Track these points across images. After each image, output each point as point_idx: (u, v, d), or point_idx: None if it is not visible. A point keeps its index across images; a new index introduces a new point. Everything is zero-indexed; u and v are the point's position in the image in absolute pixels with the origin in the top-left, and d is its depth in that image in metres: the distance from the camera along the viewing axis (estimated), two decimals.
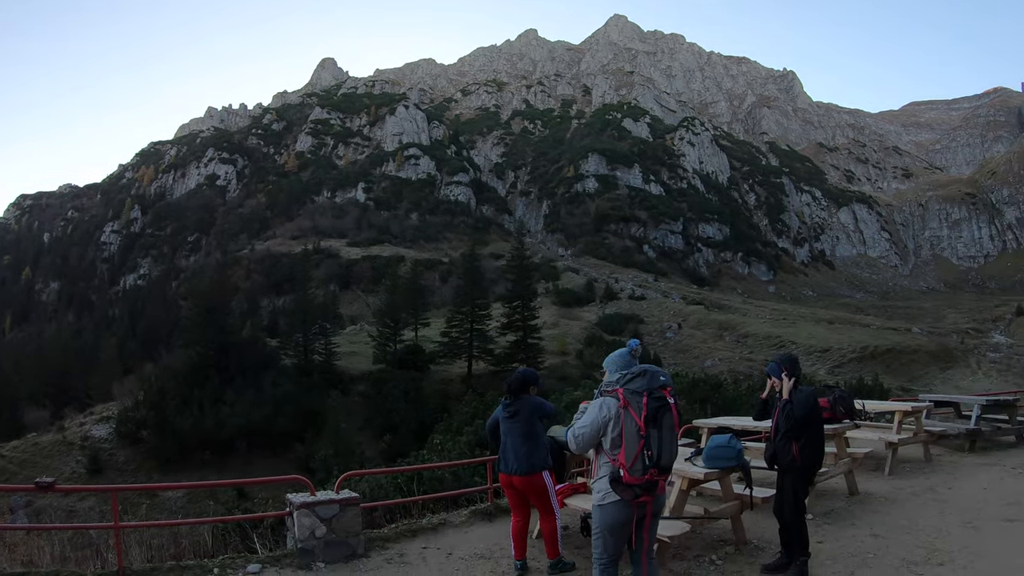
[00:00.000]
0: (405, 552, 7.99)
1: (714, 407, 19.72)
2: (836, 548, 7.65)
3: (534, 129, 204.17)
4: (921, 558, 7.21)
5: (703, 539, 8.12)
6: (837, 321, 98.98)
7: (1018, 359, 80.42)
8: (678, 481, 7.49)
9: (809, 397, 7.13)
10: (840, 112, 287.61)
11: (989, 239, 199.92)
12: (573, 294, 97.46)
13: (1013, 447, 13.35)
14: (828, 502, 9.52)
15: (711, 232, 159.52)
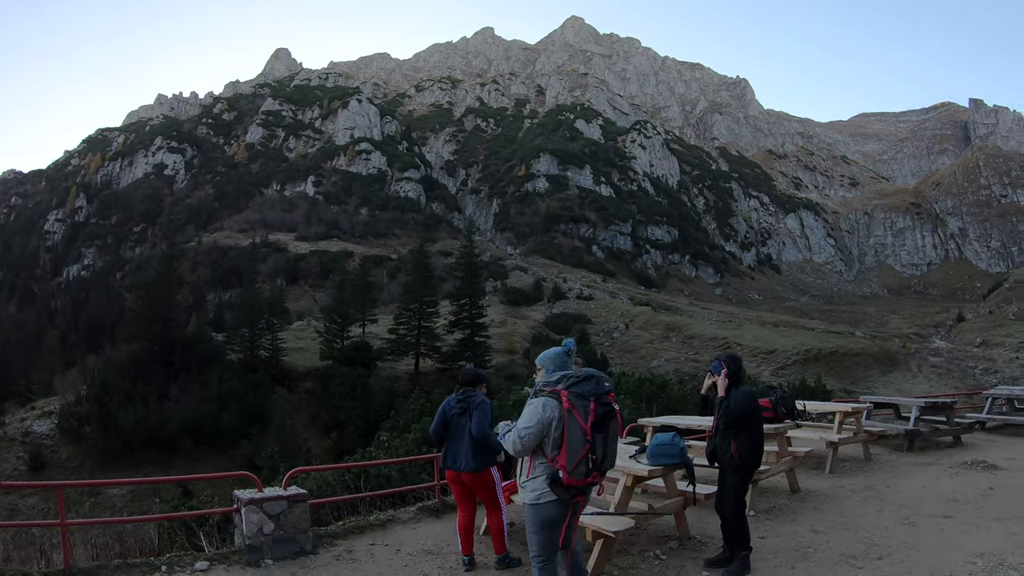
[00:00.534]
0: (353, 549, 8.03)
1: (659, 406, 20.02)
2: (777, 543, 7.88)
3: (487, 127, 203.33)
4: (860, 552, 7.42)
5: (648, 534, 8.33)
6: (782, 324, 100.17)
7: (958, 363, 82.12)
8: (623, 478, 7.58)
9: (747, 396, 7.29)
10: (790, 121, 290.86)
11: (932, 248, 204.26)
12: (521, 293, 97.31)
13: (950, 447, 13.83)
14: (770, 499, 9.80)
15: (660, 234, 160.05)
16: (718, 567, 7.11)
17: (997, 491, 9.83)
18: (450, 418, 7.57)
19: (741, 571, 6.95)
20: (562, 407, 5.34)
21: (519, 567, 7.31)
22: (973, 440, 14.66)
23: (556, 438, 5.35)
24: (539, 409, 5.38)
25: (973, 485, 10.24)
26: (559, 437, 5.34)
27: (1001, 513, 8.70)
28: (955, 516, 8.69)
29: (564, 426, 5.33)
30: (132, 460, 40.73)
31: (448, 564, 7.56)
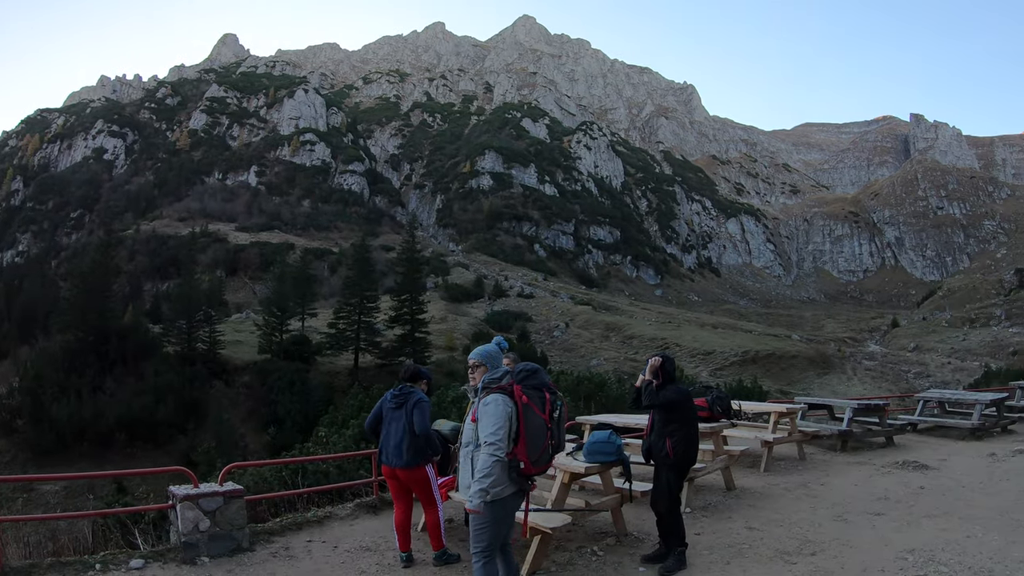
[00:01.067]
0: (290, 545, 7.97)
1: (598, 405, 20.10)
2: (713, 540, 7.96)
3: (433, 122, 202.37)
4: (794, 548, 7.54)
5: (586, 531, 8.36)
6: (721, 326, 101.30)
7: (892, 367, 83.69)
8: (560, 475, 7.63)
9: (681, 391, 7.44)
10: (735, 128, 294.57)
11: (869, 255, 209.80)
12: (462, 290, 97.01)
13: (883, 447, 14.11)
14: (706, 496, 9.91)
15: (602, 235, 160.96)
16: (654, 563, 7.18)
17: (928, 490, 10.08)
18: (386, 412, 7.53)
19: (677, 567, 7.02)
20: (515, 401, 5.43)
21: (457, 563, 7.32)
22: (905, 441, 14.99)
23: (513, 432, 5.40)
24: (500, 408, 5.40)
25: (904, 484, 10.48)
26: (515, 431, 5.40)
27: (932, 511, 8.93)
28: (887, 514, 8.89)
29: (520, 420, 5.40)
30: (66, 455, 39.59)
31: (386, 561, 7.53)
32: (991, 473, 11.11)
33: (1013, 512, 8.69)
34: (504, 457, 5.34)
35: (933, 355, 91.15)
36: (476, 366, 5.93)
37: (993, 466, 11.69)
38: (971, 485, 10.31)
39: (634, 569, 7.15)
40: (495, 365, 5.85)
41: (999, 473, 11.08)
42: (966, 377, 70.51)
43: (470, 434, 5.72)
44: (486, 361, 5.90)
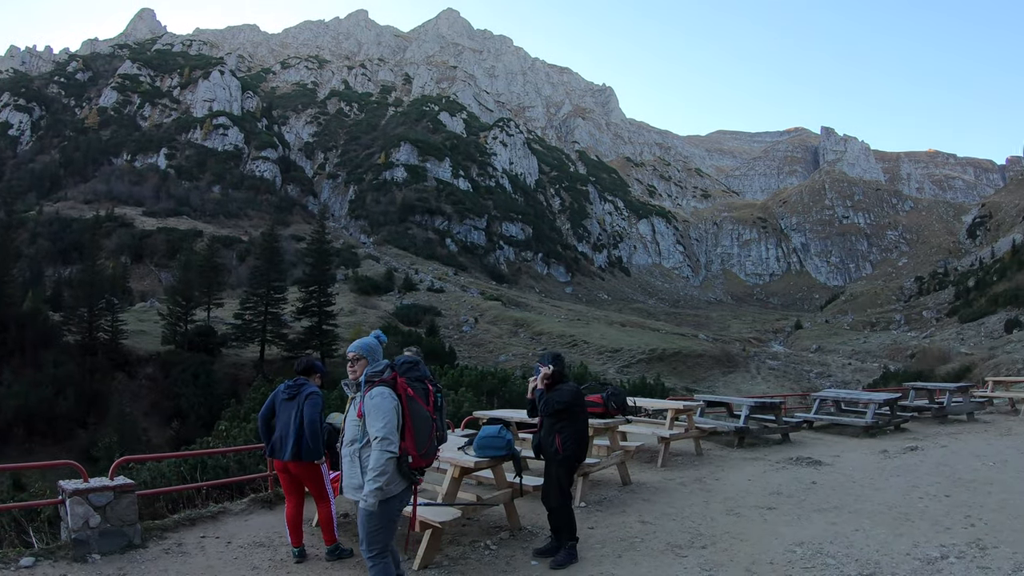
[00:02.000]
0: (183, 542, 7.72)
1: (501, 400, 20.17)
2: (606, 533, 7.91)
3: (350, 112, 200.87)
4: (685, 542, 7.54)
5: (480, 525, 8.32)
6: (629, 324, 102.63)
7: (794, 367, 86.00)
8: (451, 469, 7.60)
9: (570, 391, 7.27)
10: (651, 131, 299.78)
11: (775, 260, 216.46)
12: (372, 283, 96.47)
13: (779, 444, 14.27)
14: (601, 491, 9.86)
15: (514, 231, 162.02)
16: (546, 556, 7.16)
17: (819, 485, 10.24)
18: (278, 405, 7.41)
19: (568, 560, 7.00)
20: (399, 394, 5.36)
21: (350, 558, 7.24)
22: (801, 438, 15.21)
23: (399, 426, 5.30)
24: (387, 402, 5.30)
25: (797, 479, 10.64)
26: (402, 424, 5.32)
27: (822, 505, 9.08)
28: (778, 508, 8.98)
29: (406, 413, 5.34)
30: None
31: (279, 556, 7.38)
32: (882, 469, 11.36)
33: (901, 506, 8.90)
34: (397, 452, 5.25)
35: (835, 356, 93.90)
36: (356, 359, 5.77)
37: (884, 462, 11.96)
38: (862, 480, 10.51)
39: (526, 563, 7.12)
40: (376, 358, 5.71)
41: (889, 469, 11.33)
42: (866, 377, 72.78)
43: (354, 431, 5.56)
44: (367, 354, 5.75)
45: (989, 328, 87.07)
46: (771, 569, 6.79)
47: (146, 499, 8.84)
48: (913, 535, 7.68)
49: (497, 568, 7.03)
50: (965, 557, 6.91)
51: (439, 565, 7.04)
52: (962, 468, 11.22)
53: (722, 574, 6.69)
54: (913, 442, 14.13)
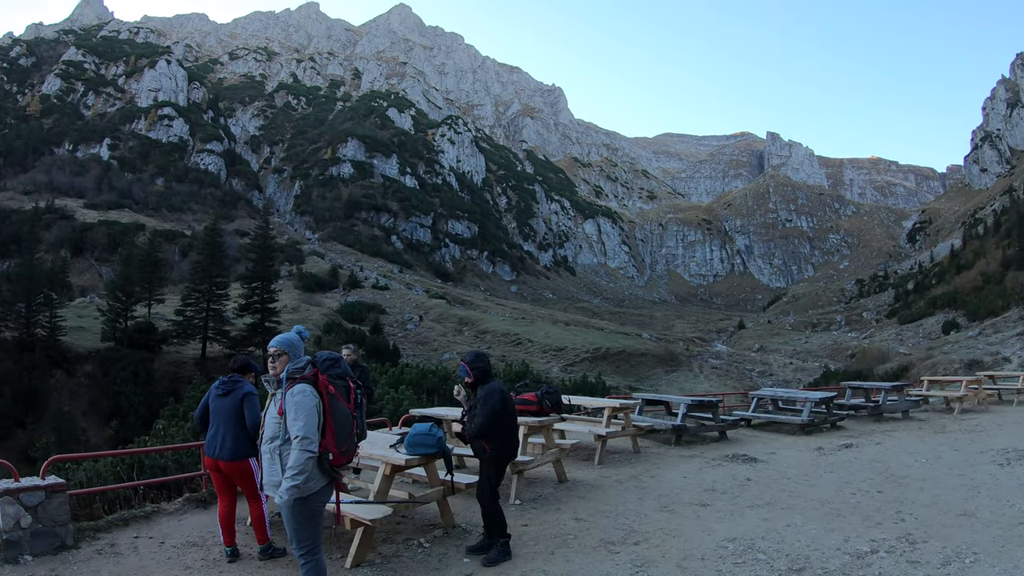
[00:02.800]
0: (117, 542, 7.67)
1: (441, 398, 20.14)
2: (540, 531, 8.01)
3: (298, 105, 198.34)
4: (619, 538, 7.62)
5: (414, 523, 8.38)
6: (573, 323, 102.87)
7: (736, 366, 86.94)
8: (382, 467, 7.61)
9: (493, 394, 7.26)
10: (598, 132, 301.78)
11: (719, 261, 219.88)
12: (317, 279, 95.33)
13: (716, 442, 14.45)
14: (537, 489, 9.97)
15: (460, 229, 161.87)
16: (478, 553, 7.20)
17: (754, 481, 10.36)
18: (212, 403, 7.39)
19: (499, 558, 7.00)
20: (320, 392, 5.31)
21: (283, 557, 7.20)
22: (738, 435, 15.39)
23: (320, 423, 5.27)
24: (309, 400, 5.24)
25: (732, 476, 10.75)
26: (323, 421, 5.27)
27: (755, 501, 9.19)
28: (712, 504, 9.09)
29: (327, 410, 5.30)
30: None
31: (212, 556, 7.32)
32: (816, 466, 11.51)
33: (833, 502, 9.02)
34: (317, 451, 5.22)
35: (776, 356, 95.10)
36: (278, 355, 5.67)
37: (819, 459, 12.14)
38: (796, 477, 10.64)
39: (459, 560, 7.12)
40: (297, 354, 5.65)
41: (824, 466, 11.50)
42: (806, 376, 73.96)
43: (275, 428, 5.48)
44: (288, 350, 5.67)
45: (927, 329, 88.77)
46: (702, 564, 6.82)
47: (83, 499, 8.80)
48: (844, 530, 7.79)
49: (430, 566, 7.01)
50: (895, 551, 7.02)
51: (372, 563, 7.01)
52: (895, 465, 11.43)
53: (653, 570, 6.71)
54: (848, 439, 14.38)
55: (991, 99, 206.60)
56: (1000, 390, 23.47)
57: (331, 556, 7.00)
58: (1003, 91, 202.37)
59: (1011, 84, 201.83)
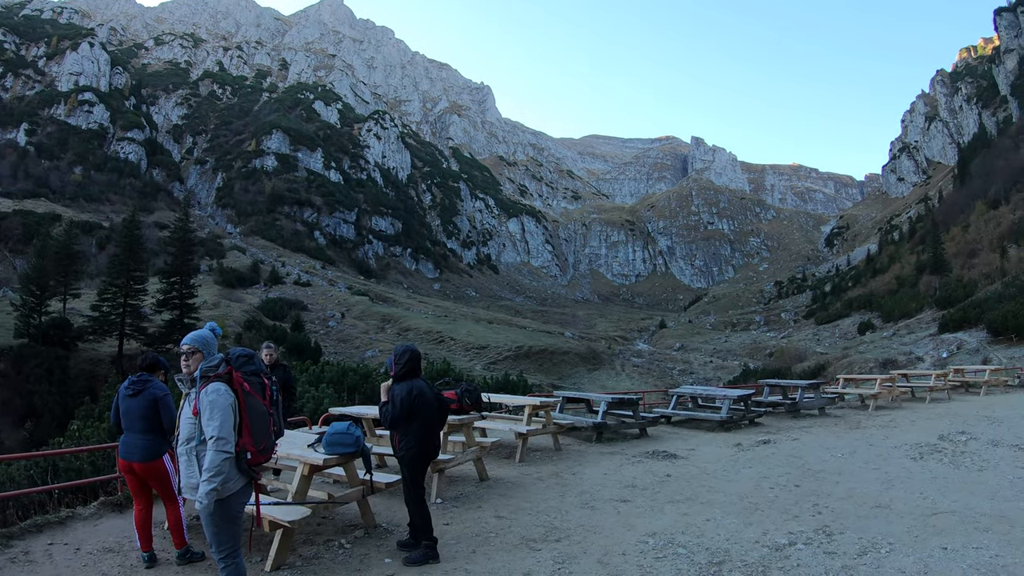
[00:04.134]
0: (30, 550, 7.42)
1: (362, 396, 19.94)
2: (462, 529, 7.98)
3: (223, 95, 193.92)
4: (540, 536, 7.63)
5: (335, 524, 8.24)
6: (496, 321, 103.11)
7: (658, 364, 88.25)
8: (300, 467, 7.43)
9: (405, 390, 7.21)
10: (525, 131, 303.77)
11: (642, 261, 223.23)
12: (237, 274, 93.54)
13: (636, 439, 14.51)
14: (458, 487, 9.97)
15: (384, 226, 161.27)
16: (407, 549, 7.17)
17: (674, 477, 10.45)
18: (122, 403, 7.16)
19: (422, 559, 6.93)
20: (235, 389, 5.16)
21: (201, 562, 7.04)
22: (658, 432, 15.54)
23: (236, 422, 5.12)
24: (223, 399, 5.10)
25: (652, 472, 10.84)
26: (239, 420, 5.13)
27: (675, 496, 9.27)
28: (633, 500, 9.16)
29: (243, 408, 5.16)
30: None
31: (129, 562, 7.09)
32: (735, 461, 11.68)
33: (751, 497, 9.14)
34: (234, 452, 5.07)
35: (697, 354, 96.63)
36: (191, 353, 5.56)
37: (737, 455, 12.32)
38: (715, 473, 10.77)
39: (380, 561, 7.03)
40: (211, 352, 5.54)
41: (742, 461, 11.67)
42: (726, 375, 75.44)
43: (190, 429, 5.37)
44: (202, 347, 5.57)
45: (843, 330, 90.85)
46: (623, 560, 6.85)
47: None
48: (763, 523, 7.90)
49: (351, 567, 6.92)
50: (812, 543, 7.14)
51: (292, 566, 6.90)
52: (812, 460, 11.67)
53: (575, 567, 6.71)
54: (766, 436, 14.65)
55: (910, 112, 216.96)
56: (913, 388, 24.37)
57: (250, 559, 6.86)
58: (922, 105, 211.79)
59: (930, 99, 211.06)
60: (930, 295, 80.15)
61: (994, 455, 11.81)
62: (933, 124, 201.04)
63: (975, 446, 12.70)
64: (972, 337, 55.86)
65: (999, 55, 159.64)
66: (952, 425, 15.73)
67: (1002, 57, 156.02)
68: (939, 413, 18.97)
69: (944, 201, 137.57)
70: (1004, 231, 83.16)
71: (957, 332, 59.42)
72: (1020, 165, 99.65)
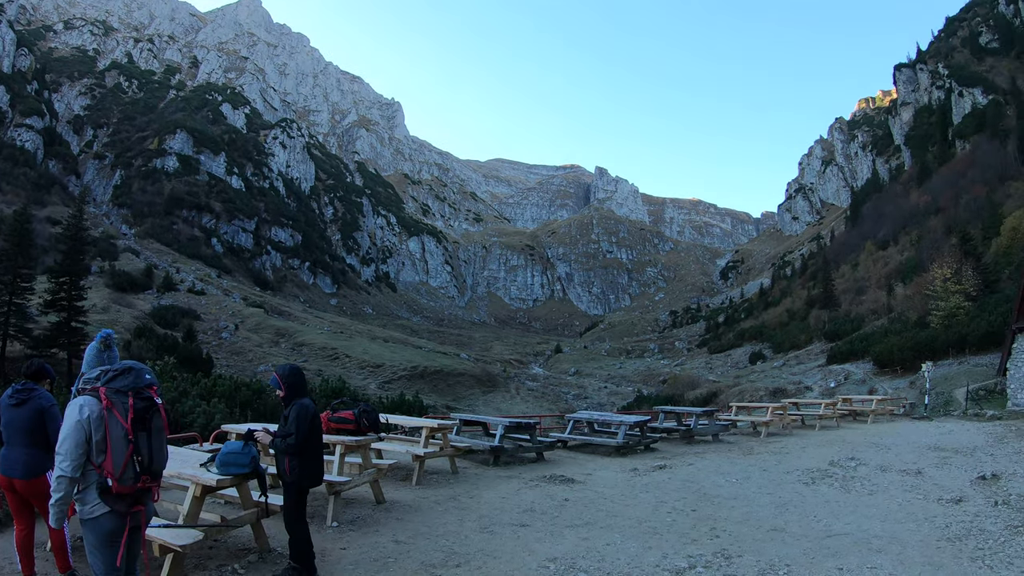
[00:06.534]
0: None
1: (255, 412, 19.45)
2: (359, 554, 7.74)
3: (129, 88, 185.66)
4: (439, 561, 7.51)
5: (228, 548, 7.89)
6: (392, 340, 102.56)
7: (552, 388, 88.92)
8: (192, 488, 7.04)
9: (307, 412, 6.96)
10: (432, 151, 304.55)
11: (540, 286, 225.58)
12: (130, 278, 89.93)
13: (534, 463, 14.58)
14: (355, 510, 9.69)
15: (283, 237, 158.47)
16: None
17: (572, 502, 10.46)
18: (3, 413, 6.68)
19: None
20: (102, 406, 4.80)
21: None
22: (555, 457, 15.63)
23: (99, 441, 4.76)
24: (74, 413, 4.75)
25: (551, 496, 10.85)
26: (102, 440, 4.77)
27: (574, 521, 9.27)
28: (532, 525, 9.14)
29: (105, 427, 4.79)
30: None
31: None
32: (632, 486, 11.78)
33: (650, 521, 9.23)
34: (71, 472, 4.72)
35: (592, 380, 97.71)
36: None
37: (634, 480, 12.43)
38: (613, 497, 10.83)
39: None
40: (94, 363, 5.25)
41: (639, 486, 11.77)
42: (620, 400, 76.50)
43: None
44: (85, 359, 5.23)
45: (735, 359, 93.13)
46: None
47: None
48: (662, 547, 7.96)
49: None
50: (712, 566, 7.24)
51: None
52: (707, 484, 11.88)
53: None
54: (662, 461, 14.84)
55: (808, 156, 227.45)
56: (803, 416, 25.29)
57: None
58: (820, 150, 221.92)
59: (827, 144, 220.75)
60: (819, 328, 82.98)
61: (883, 480, 12.28)
62: (829, 168, 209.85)
63: (865, 471, 13.19)
64: (859, 368, 57.86)
65: (896, 107, 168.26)
66: (842, 451, 16.29)
67: (898, 109, 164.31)
68: (829, 440, 19.65)
69: (836, 240, 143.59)
70: (891, 270, 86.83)
71: (845, 364, 61.58)
72: (909, 210, 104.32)
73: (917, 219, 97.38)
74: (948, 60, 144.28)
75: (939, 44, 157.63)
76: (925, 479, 12.42)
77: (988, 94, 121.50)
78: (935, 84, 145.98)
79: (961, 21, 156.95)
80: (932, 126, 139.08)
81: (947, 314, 52.63)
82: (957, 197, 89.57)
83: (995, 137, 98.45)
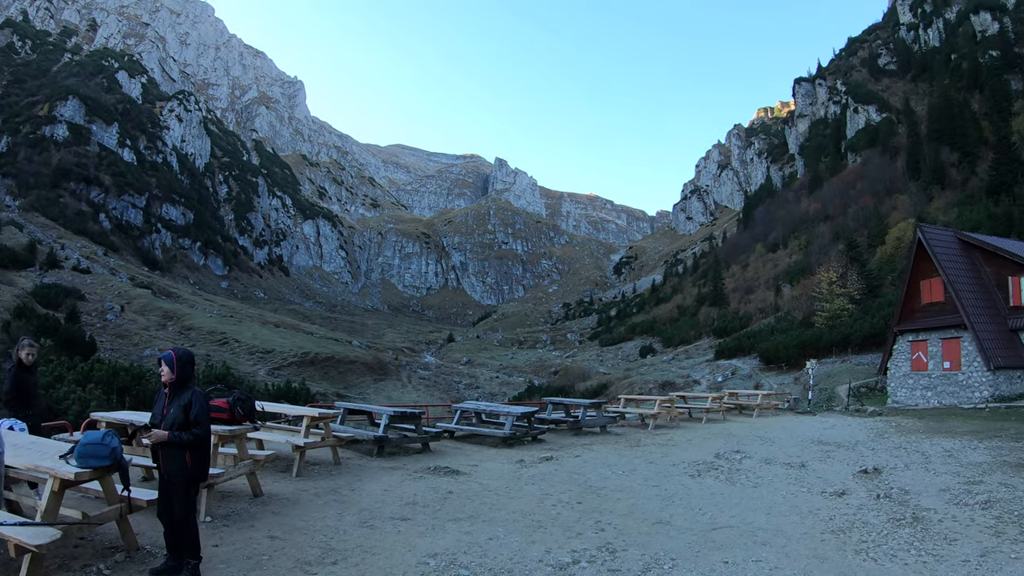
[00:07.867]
0: None
1: (134, 399, 18.79)
2: (231, 551, 7.46)
3: (21, 49, 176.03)
4: (316, 558, 7.29)
5: (94, 546, 7.38)
6: (283, 325, 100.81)
7: (444, 378, 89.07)
8: (50, 482, 6.52)
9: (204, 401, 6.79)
10: (331, 133, 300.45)
11: (434, 275, 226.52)
12: (11, 254, 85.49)
13: (419, 453, 14.41)
14: (230, 504, 9.37)
15: (175, 215, 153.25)
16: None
17: (456, 494, 10.36)
18: None
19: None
20: None
21: None
22: (441, 447, 15.52)
23: None
24: None
25: (434, 489, 10.73)
26: None
27: (457, 514, 9.17)
28: (413, 518, 9.00)
29: None
30: None
31: None
32: (518, 478, 11.75)
33: (535, 514, 9.17)
34: None
35: (484, 369, 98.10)
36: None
37: (520, 471, 12.41)
38: (497, 490, 10.77)
39: None
40: None
41: (525, 478, 11.75)
42: (511, 391, 77.02)
43: None
44: None
45: (626, 352, 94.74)
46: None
47: None
48: (546, 542, 7.91)
49: None
50: (596, 561, 7.21)
51: None
52: (594, 477, 11.95)
53: None
54: (549, 452, 14.94)
55: (705, 159, 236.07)
56: (691, 409, 25.90)
57: None
58: (717, 154, 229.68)
59: (725, 149, 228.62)
60: (709, 324, 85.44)
61: (768, 472, 12.58)
62: (725, 172, 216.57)
63: (749, 464, 13.52)
64: (746, 364, 59.67)
65: (793, 118, 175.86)
66: (728, 444, 16.76)
67: (795, 120, 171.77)
68: (715, 433, 20.17)
69: (728, 241, 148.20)
70: (780, 272, 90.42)
71: (732, 359, 63.53)
72: (800, 216, 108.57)
73: (807, 225, 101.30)
74: (847, 78, 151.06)
75: (839, 62, 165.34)
76: (809, 472, 12.78)
77: (882, 112, 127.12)
78: (832, 99, 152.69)
79: (862, 42, 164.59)
80: (827, 138, 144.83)
81: (832, 315, 54.88)
82: (846, 206, 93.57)
83: (886, 152, 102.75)
